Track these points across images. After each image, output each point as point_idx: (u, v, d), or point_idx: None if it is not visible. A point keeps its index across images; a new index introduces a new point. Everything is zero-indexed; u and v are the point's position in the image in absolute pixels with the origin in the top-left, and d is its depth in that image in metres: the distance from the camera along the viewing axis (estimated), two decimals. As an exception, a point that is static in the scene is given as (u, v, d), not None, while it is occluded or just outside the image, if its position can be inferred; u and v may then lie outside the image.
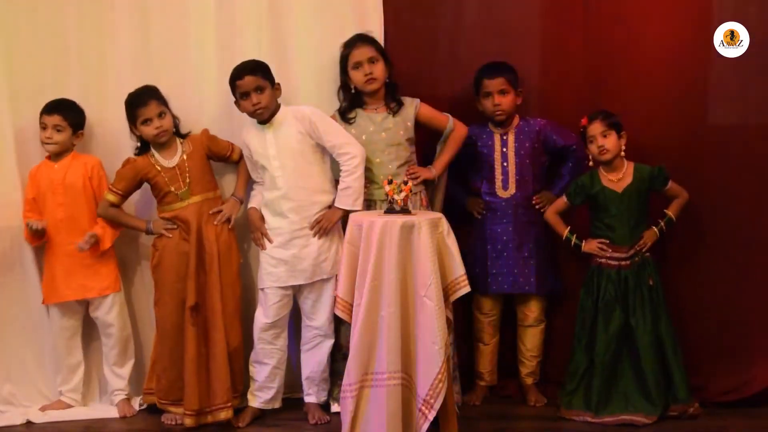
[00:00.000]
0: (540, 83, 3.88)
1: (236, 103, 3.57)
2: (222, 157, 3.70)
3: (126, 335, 3.73)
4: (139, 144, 3.63)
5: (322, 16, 3.78)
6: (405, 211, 3.22)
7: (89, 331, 3.79)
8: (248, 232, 3.67)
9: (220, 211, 3.61)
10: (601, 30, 3.81)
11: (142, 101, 3.53)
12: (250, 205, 3.67)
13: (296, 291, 3.62)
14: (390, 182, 3.23)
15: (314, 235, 3.53)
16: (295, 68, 3.68)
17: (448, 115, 3.69)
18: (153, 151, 3.60)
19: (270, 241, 3.57)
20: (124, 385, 3.74)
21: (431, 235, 3.16)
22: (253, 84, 3.49)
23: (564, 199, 3.70)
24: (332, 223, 3.54)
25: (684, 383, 3.59)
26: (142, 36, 3.74)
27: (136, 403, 3.76)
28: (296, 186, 3.53)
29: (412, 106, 3.66)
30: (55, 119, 3.60)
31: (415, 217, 3.18)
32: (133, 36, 3.74)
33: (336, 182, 3.60)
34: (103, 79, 3.74)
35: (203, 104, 3.73)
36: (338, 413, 3.39)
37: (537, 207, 3.77)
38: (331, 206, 3.56)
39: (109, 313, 3.67)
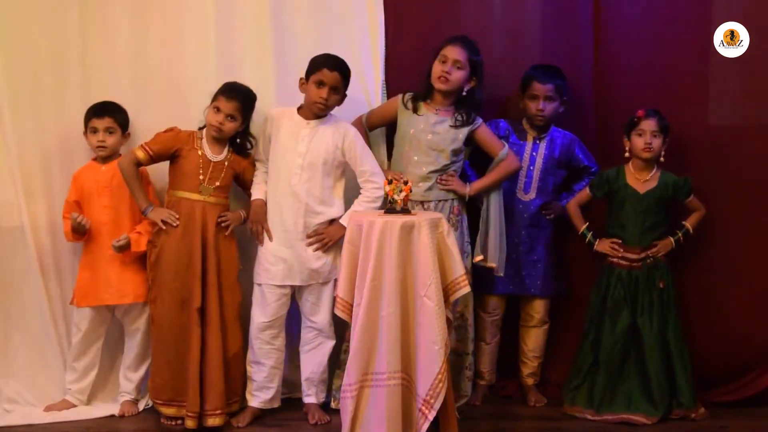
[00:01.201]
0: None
1: (302, 82, 3.54)
2: (242, 184, 3.68)
3: (147, 341, 3.70)
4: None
5: (322, 17, 3.79)
6: (405, 211, 3.22)
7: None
8: (247, 239, 3.65)
9: (225, 219, 3.58)
10: (605, 32, 3.82)
11: (230, 95, 3.50)
12: (256, 196, 3.62)
13: (295, 292, 3.62)
14: (390, 182, 3.23)
15: (309, 245, 3.53)
16: (294, 69, 3.67)
17: (505, 144, 3.67)
18: (204, 134, 3.58)
19: (270, 238, 3.57)
20: (132, 389, 3.72)
21: (431, 235, 3.15)
22: (335, 82, 3.48)
23: (587, 190, 3.72)
24: (333, 241, 3.53)
25: (688, 388, 3.60)
26: (141, 37, 3.74)
27: (142, 405, 3.76)
28: (307, 190, 3.52)
29: (470, 123, 3.64)
30: (106, 122, 3.60)
31: (415, 217, 3.18)
32: (133, 37, 3.74)
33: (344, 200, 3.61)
34: (104, 79, 3.74)
35: (202, 104, 3.71)
36: (337, 411, 3.40)
37: (545, 215, 3.79)
38: (333, 221, 3.56)
39: (139, 318, 3.66)
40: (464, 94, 3.61)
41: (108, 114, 3.61)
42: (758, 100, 3.79)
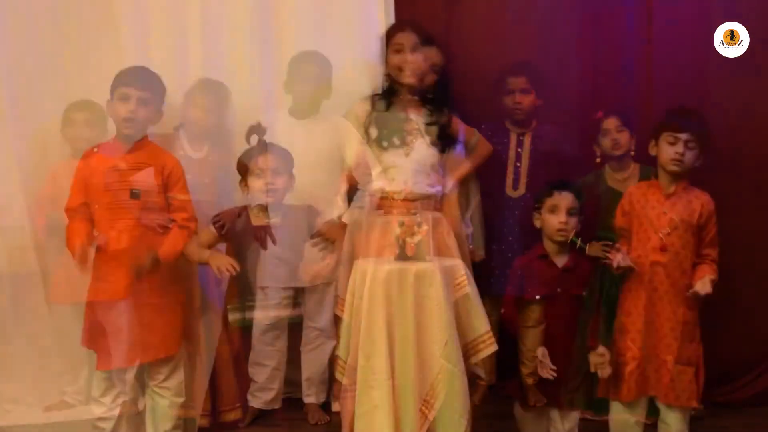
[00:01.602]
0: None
1: (285, 84, 3.60)
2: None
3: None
4: None
5: (323, 15, 3.81)
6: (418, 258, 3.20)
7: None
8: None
9: (219, 219, 3.54)
10: (603, 33, 3.82)
11: (205, 91, 3.53)
12: (257, 203, 3.61)
13: (298, 292, 3.62)
14: (401, 224, 3.21)
15: (314, 245, 3.53)
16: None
17: (475, 130, 3.68)
18: (181, 134, 3.57)
19: (274, 242, 3.56)
20: (128, 388, 3.72)
21: (431, 235, 3.15)
22: (316, 78, 3.53)
23: None
24: (337, 240, 3.52)
25: None
26: (141, 37, 3.75)
27: (141, 404, 3.76)
28: (308, 190, 3.53)
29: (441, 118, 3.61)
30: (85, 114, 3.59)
31: (428, 263, 3.16)
32: (133, 37, 3.75)
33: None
34: (103, 79, 3.74)
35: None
36: (337, 412, 3.40)
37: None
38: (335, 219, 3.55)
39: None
40: (430, 96, 3.52)
41: (87, 109, 3.60)
42: (758, 100, 3.80)
